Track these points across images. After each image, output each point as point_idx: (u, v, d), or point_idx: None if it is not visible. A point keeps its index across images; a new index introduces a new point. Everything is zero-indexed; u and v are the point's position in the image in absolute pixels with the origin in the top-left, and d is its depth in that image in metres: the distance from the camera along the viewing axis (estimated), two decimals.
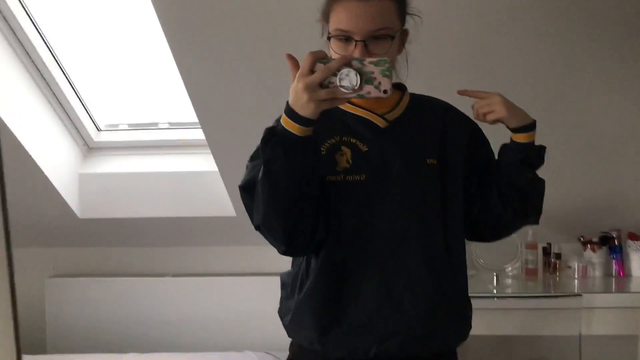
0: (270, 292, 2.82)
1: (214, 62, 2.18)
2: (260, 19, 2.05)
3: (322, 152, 1.25)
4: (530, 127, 1.30)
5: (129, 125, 2.86)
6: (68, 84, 2.60)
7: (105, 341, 2.89)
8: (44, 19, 2.39)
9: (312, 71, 1.07)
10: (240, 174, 2.65)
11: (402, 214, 1.26)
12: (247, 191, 1.25)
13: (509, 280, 2.53)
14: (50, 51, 2.48)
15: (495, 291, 2.41)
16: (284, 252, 1.26)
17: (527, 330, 2.43)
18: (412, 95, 1.37)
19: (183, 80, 2.23)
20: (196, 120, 2.45)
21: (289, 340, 1.41)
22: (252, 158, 1.31)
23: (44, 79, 2.54)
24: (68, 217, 2.81)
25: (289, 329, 1.34)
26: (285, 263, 2.98)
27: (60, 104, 2.64)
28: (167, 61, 2.22)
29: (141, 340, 2.89)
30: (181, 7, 2.03)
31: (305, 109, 1.08)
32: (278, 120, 1.16)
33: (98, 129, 2.83)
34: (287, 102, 1.11)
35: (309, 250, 1.27)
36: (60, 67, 2.54)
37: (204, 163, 2.72)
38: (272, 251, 3.06)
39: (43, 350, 2.92)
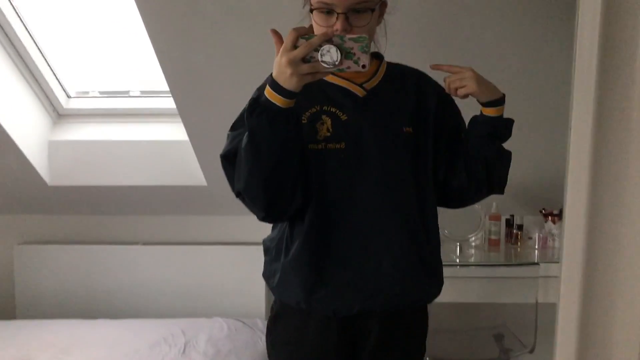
0: (239, 261, 2.89)
1: (186, 31, 2.17)
2: None
3: (304, 121, 1.31)
4: (500, 101, 1.35)
5: (100, 92, 2.84)
6: (37, 50, 2.57)
7: (75, 307, 2.91)
8: None
9: (295, 46, 1.13)
10: (210, 144, 2.68)
11: (379, 180, 1.33)
12: (228, 160, 1.31)
13: (472, 251, 2.62)
14: (19, 17, 2.44)
15: (458, 260, 2.49)
16: (262, 218, 1.34)
17: (488, 298, 2.52)
18: (388, 64, 1.43)
19: (154, 48, 2.22)
20: (168, 88, 2.45)
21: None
22: (233, 127, 1.36)
23: (13, 45, 2.50)
24: (37, 184, 2.80)
25: (276, 290, 1.40)
26: (252, 234, 3.04)
27: (30, 70, 2.61)
28: (140, 28, 2.21)
29: (111, 307, 2.92)
30: None
31: (289, 82, 1.14)
32: (260, 91, 1.23)
33: (68, 96, 2.81)
34: (271, 75, 1.16)
35: (286, 217, 1.34)
36: (29, 34, 2.51)
37: (175, 132, 2.72)
38: (241, 221, 3.12)
39: (13, 316, 2.94)
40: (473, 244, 2.64)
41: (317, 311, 1.36)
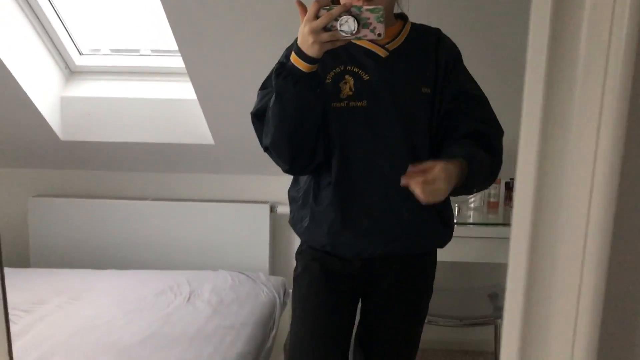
0: (244, 218, 2.98)
1: None
2: None
3: (328, 81, 1.42)
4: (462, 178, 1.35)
5: (111, 50, 2.91)
6: (51, 7, 2.63)
7: (85, 258, 3.02)
8: None
9: (317, 17, 1.24)
10: (218, 103, 2.74)
11: (398, 136, 1.43)
12: (258, 117, 1.46)
13: (471, 212, 2.68)
14: None
15: (456, 221, 2.55)
16: (287, 171, 1.48)
17: (484, 258, 2.59)
18: (412, 25, 1.51)
19: (164, 7, 2.26)
20: (177, 48, 2.50)
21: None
22: (263, 87, 1.49)
23: (28, 2, 2.56)
24: (50, 139, 2.89)
25: (304, 234, 1.54)
26: (257, 192, 3.10)
27: (44, 27, 2.67)
28: None
29: (120, 259, 3.02)
30: None
31: (311, 49, 1.26)
32: (286, 55, 1.37)
33: (80, 53, 2.87)
34: (296, 42, 1.29)
35: (308, 171, 1.48)
36: None
37: (184, 91, 2.78)
38: (247, 180, 3.18)
39: (27, 265, 3.06)
40: (472, 205, 2.70)
41: (342, 253, 1.50)
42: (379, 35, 1.25)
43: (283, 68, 1.32)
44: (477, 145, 1.41)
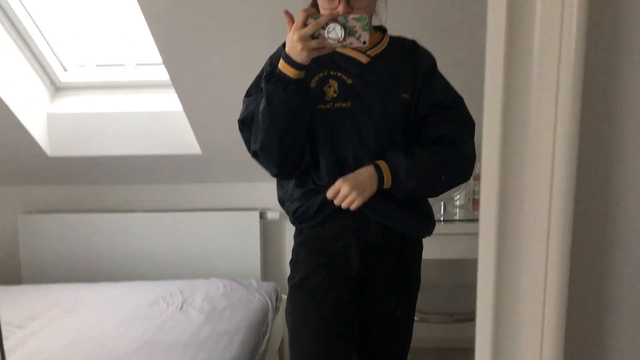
0: (234, 226, 3.00)
1: (177, 4, 2.24)
2: None
3: (313, 85, 1.47)
4: (381, 183, 1.47)
5: (96, 65, 2.93)
6: (34, 24, 2.66)
7: (77, 272, 3.03)
8: None
9: (305, 25, 1.31)
10: (204, 113, 2.76)
11: (379, 137, 1.49)
12: (245, 124, 1.51)
13: (457, 210, 2.72)
14: None
15: (442, 219, 2.59)
16: (275, 175, 1.54)
17: (472, 254, 2.63)
18: (391, 36, 1.58)
19: (147, 21, 2.28)
20: (161, 60, 2.53)
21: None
22: (248, 94, 1.55)
23: (10, 20, 2.59)
24: (38, 155, 2.90)
25: (297, 219, 1.61)
26: (246, 200, 3.12)
27: (27, 44, 2.69)
28: (133, 3, 2.28)
29: (112, 271, 3.04)
30: None
31: (299, 56, 1.33)
32: (272, 59, 1.47)
33: (65, 69, 2.90)
34: (284, 49, 1.35)
35: (296, 174, 1.53)
36: (24, 7, 2.59)
37: (170, 103, 2.80)
38: (235, 188, 3.20)
39: (19, 281, 3.07)
40: (457, 203, 2.74)
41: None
42: (364, 42, 1.33)
43: (272, 74, 1.38)
44: (442, 148, 1.51)
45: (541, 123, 0.69)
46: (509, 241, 0.73)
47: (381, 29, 1.60)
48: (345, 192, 1.42)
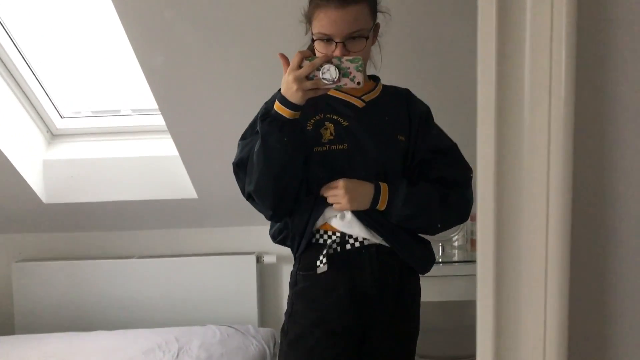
0: (231, 271, 2.97)
1: (172, 51, 2.27)
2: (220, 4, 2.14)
3: (309, 128, 1.48)
4: (375, 203, 1.49)
5: (92, 112, 2.95)
6: (30, 72, 2.68)
7: (72, 321, 2.98)
8: (3, 8, 2.46)
9: (300, 66, 1.33)
10: (199, 158, 2.77)
11: (377, 177, 1.50)
12: (240, 167, 1.52)
13: (455, 251, 2.71)
14: (11, 39, 2.55)
15: (440, 260, 2.58)
16: (270, 217, 1.54)
17: (472, 296, 2.60)
18: (384, 85, 1.62)
19: (142, 68, 2.31)
20: (157, 106, 2.54)
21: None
22: (243, 137, 1.56)
23: (7, 68, 2.61)
24: (33, 203, 2.89)
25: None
26: (243, 244, 3.10)
27: (24, 92, 2.72)
28: (128, 49, 2.31)
29: (108, 319, 2.99)
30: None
31: (295, 97, 1.34)
32: (267, 105, 1.48)
33: (61, 116, 2.91)
34: (279, 91, 1.37)
35: (289, 215, 1.52)
36: (21, 55, 2.62)
37: (166, 148, 2.81)
38: (231, 232, 3.18)
39: (11, 331, 3.01)
40: (455, 244, 2.73)
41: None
42: (358, 83, 1.34)
43: (268, 114, 1.40)
44: (442, 186, 1.53)
45: (535, 162, 0.69)
46: (507, 279, 0.73)
47: (374, 78, 1.63)
48: (339, 191, 1.45)
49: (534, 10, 0.66)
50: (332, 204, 1.50)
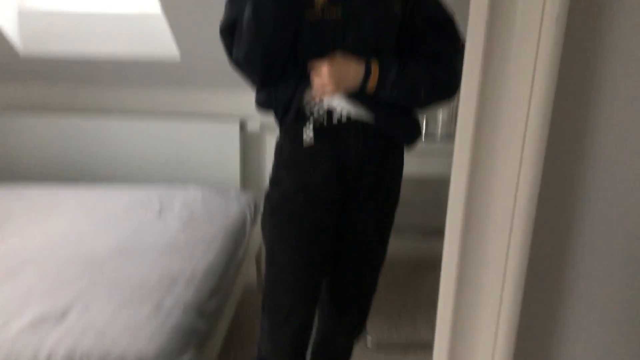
0: (213, 134, 2.96)
1: None
2: None
3: None
4: (364, 84, 1.43)
5: None
6: None
7: (53, 174, 3.00)
8: None
9: None
10: (184, 16, 2.65)
11: (366, 51, 1.45)
12: (226, 30, 1.46)
13: (438, 128, 2.71)
14: None
15: (423, 137, 2.59)
16: (257, 84, 1.51)
17: (449, 175, 2.64)
18: None
19: None
20: None
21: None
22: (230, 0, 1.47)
23: None
24: (9, 54, 2.80)
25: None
26: (227, 108, 3.05)
27: None
28: None
29: (89, 173, 3.01)
30: None
31: None
32: None
33: None
34: None
35: (275, 84, 1.49)
36: None
37: (149, 5, 2.69)
38: (215, 94, 3.13)
39: None
40: (440, 120, 2.72)
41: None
42: None
43: None
44: (433, 66, 1.49)
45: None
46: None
47: None
48: (324, 80, 1.42)
49: None
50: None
